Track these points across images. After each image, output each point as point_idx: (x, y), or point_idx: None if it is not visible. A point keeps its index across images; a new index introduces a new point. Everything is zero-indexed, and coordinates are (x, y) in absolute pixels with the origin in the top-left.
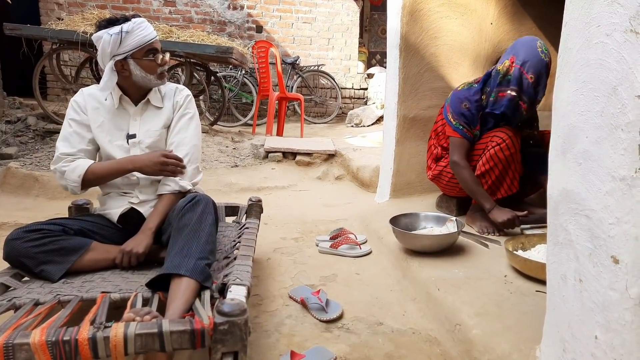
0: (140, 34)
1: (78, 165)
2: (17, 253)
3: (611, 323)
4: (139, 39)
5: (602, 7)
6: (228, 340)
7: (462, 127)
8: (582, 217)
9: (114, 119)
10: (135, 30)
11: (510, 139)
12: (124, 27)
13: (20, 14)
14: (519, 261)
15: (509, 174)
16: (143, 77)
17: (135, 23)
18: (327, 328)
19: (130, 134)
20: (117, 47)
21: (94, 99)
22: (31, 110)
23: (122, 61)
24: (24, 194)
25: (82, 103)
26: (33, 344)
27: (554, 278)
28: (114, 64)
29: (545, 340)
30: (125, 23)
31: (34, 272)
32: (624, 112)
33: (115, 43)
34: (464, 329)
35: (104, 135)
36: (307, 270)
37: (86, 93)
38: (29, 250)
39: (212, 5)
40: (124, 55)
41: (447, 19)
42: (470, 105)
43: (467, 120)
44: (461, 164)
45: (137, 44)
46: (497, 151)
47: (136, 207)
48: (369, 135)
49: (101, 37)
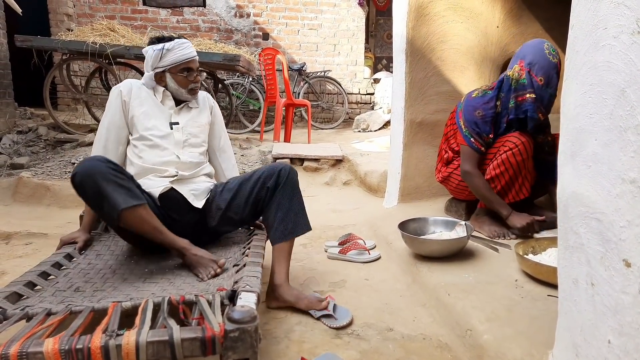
0: (178, 53)
1: None
2: (95, 171)
3: (624, 327)
4: (176, 57)
5: (608, 10)
6: (239, 347)
7: (471, 137)
8: (593, 220)
9: (157, 107)
10: (175, 49)
11: (523, 145)
12: (166, 45)
13: (31, 26)
14: (530, 265)
15: (518, 180)
16: (176, 90)
17: (176, 43)
18: (337, 334)
19: (173, 122)
20: (158, 62)
21: (140, 89)
22: (42, 120)
23: (160, 73)
24: (36, 203)
25: (126, 89)
26: (46, 353)
27: (565, 282)
28: (154, 74)
29: (558, 345)
30: (169, 42)
31: (100, 197)
32: (632, 114)
33: (157, 58)
34: (474, 334)
35: (147, 120)
36: (316, 276)
37: (134, 83)
38: (108, 172)
39: (219, 13)
40: (162, 69)
41: (453, 22)
42: (484, 113)
43: (479, 130)
44: (473, 173)
45: (174, 61)
46: (509, 156)
47: (176, 188)
48: (376, 140)
49: (147, 51)
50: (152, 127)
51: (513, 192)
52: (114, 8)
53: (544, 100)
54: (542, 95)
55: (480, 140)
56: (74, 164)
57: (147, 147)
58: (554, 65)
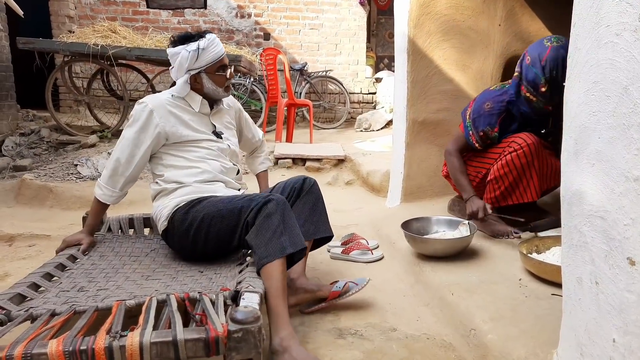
0: (213, 51)
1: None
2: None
3: (629, 326)
4: (212, 55)
5: (610, 7)
6: (242, 347)
7: (470, 130)
8: (597, 218)
9: (197, 117)
10: (210, 47)
11: (529, 147)
12: (200, 44)
13: (32, 28)
14: (534, 264)
15: (522, 182)
16: (213, 90)
17: (209, 40)
18: (341, 334)
19: (217, 131)
20: (194, 63)
21: (172, 104)
22: (44, 122)
23: (195, 75)
24: (39, 204)
25: (158, 108)
26: (50, 354)
27: (569, 281)
28: (189, 77)
29: (563, 344)
30: (200, 40)
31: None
32: (636, 111)
33: (193, 59)
34: (479, 333)
35: (193, 131)
36: (318, 276)
37: (162, 99)
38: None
39: (220, 14)
40: (198, 70)
41: (455, 21)
42: (493, 105)
43: (482, 123)
44: (453, 153)
45: (210, 60)
46: (514, 157)
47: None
48: (379, 140)
49: (179, 52)
50: (200, 139)
51: (517, 194)
52: (115, 9)
53: (536, 83)
54: (543, 83)
55: (477, 136)
56: (76, 166)
57: (199, 158)
58: (553, 49)
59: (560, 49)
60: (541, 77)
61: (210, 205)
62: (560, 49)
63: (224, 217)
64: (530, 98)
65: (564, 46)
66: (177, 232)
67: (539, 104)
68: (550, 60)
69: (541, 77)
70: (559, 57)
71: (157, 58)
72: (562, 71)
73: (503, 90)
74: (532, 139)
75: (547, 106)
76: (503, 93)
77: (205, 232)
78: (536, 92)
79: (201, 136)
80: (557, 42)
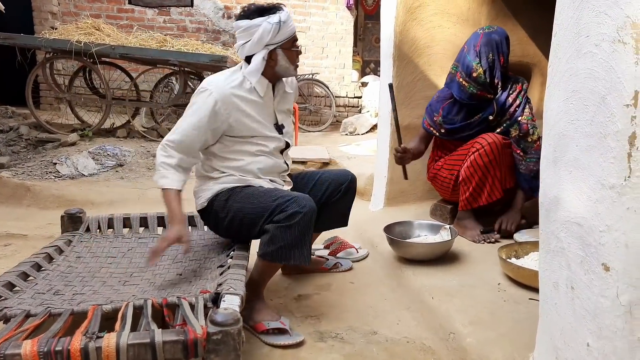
0: (291, 24)
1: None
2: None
3: (603, 330)
4: (290, 29)
5: (590, 18)
6: (221, 350)
7: (425, 118)
8: (574, 224)
9: (261, 108)
10: (289, 20)
11: (489, 146)
12: (282, 16)
13: (14, 23)
14: (512, 269)
15: (488, 180)
16: (286, 68)
17: (287, 13)
18: (321, 337)
19: (279, 124)
20: (274, 37)
21: (238, 93)
22: (24, 120)
23: (271, 51)
24: (16, 203)
25: (222, 99)
26: (24, 355)
27: (546, 286)
28: (267, 54)
29: (539, 348)
30: (281, 12)
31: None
32: (612, 120)
33: (274, 32)
34: (458, 337)
35: (256, 125)
36: (301, 279)
37: (226, 88)
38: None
39: (207, 14)
40: (275, 46)
41: (440, 28)
42: (439, 94)
43: (430, 109)
44: (414, 139)
45: (288, 35)
46: (477, 157)
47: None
48: (363, 144)
49: (259, 25)
50: (259, 135)
51: (485, 194)
52: (99, 7)
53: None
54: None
55: (430, 120)
56: (55, 164)
57: (253, 153)
58: (485, 34)
59: (492, 34)
60: (474, 62)
61: (248, 198)
62: (492, 34)
63: (258, 215)
64: (462, 84)
65: (496, 32)
66: (214, 216)
67: (472, 89)
68: (483, 45)
69: (474, 63)
70: (492, 41)
71: (142, 57)
72: (496, 53)
73: (448, 83)
74: (492, 138)
75: (483, 92)
76: (448, 84)
77: (239, 223)
78: (469, 77)
79: (261, 132)
80: (489, 29)
